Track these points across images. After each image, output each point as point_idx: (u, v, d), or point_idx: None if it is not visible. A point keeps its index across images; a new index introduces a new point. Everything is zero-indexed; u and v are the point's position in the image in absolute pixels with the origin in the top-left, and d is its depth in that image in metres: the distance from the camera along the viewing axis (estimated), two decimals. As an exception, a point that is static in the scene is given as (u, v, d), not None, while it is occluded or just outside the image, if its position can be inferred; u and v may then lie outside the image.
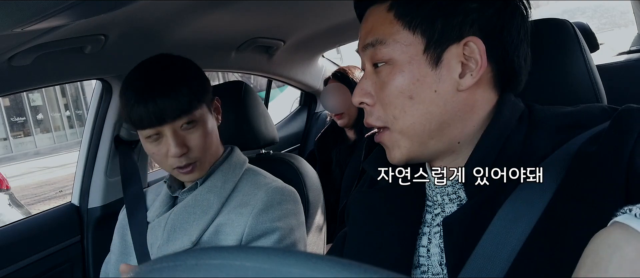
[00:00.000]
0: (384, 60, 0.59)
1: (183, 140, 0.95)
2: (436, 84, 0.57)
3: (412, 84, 0.57)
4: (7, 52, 0.99)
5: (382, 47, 0.58)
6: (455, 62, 0.57)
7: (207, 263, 0.25)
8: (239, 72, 1.98)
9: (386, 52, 0.58)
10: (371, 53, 0.60)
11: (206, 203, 0.99)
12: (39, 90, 15.12)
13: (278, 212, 0.98)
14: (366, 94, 0.61)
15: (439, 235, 0.61)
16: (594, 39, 1.78)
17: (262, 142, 1.28)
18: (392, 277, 0.23)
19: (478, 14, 0.56)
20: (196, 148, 0.96)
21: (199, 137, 0.96)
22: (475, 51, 0.56)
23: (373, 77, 0.61)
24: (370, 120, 0.62)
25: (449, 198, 0.61)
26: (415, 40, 0.57)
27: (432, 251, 0.61)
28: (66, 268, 1.45)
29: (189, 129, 0.95)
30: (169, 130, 0.94)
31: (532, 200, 0.52)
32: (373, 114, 0.61)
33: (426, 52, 0.56)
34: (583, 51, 0.70)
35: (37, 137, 16.35)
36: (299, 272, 0.23)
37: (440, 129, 0.58)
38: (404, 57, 0.57)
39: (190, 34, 1.35)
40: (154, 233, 1.03)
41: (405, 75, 0.57)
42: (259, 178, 1.05)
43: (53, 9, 0.72)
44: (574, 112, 0.59)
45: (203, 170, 1.01)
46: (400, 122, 0.59)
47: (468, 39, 0.56)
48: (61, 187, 7.84)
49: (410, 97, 0.57)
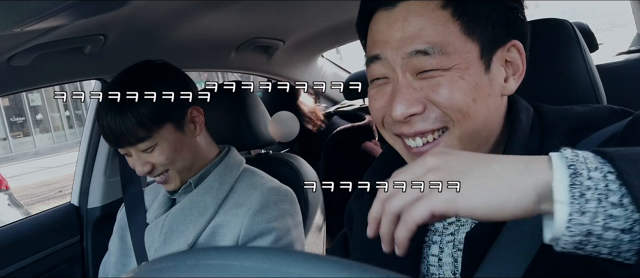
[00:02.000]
0: (440, 68, 0.53)
1: (147, 159, 0.97)
2: (489, 89, 0.55)
3: (473, 88, 0.53)
4: (7, 52, 0.99)
5: (440, 56, 0.52)
6: (499, 66, 0.55)
7: (206, 263, 0.25)
8: (239, 72, 1.97)
9: (445, 61, 0.52)
10: (420, 61, 0.53)
11: (203, 205, 0.99)
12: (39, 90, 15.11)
13: (274, 212, 0.98)
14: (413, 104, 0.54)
15: (452, 245, 0.59)
16: (593, 39, 1.78)
17: (261, 142, 1.28)
18: (392, 277, 0.23)
19: (518, 19, 0.56)
20: (160, 165, 0.98)
21: (161, 155, 0.96)
22: (516, 55, 0.55)
23: (415, 83, 0.54)
24: (423, 126, 0.55)
25: None
26: (472, 46, 0.53)
27: (444, 261, 0.59)
28: (66, 268, 1.45)
29: (150, 152, 0.96)
30: (132, 151, 0.96)
31: None
32: (427, 118, 0.55)
33: (482, 57, 0.54)
34: (583, 51, 0.70)
35: (36, 137, 16.34)
36: (299, 271, 0.23)
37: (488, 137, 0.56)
38: (464, 64, 0.53)
39: (190, 34, 1.35)
40: (152, 236, 1.03)
41: (466, 81, 0.53)
42: (255, 179, 1.05)
43: (52, 9, 0.72)
44: (584, 113, 0.58)
45: (178, 180, 1.01)
46: (465, 124, 0.54)
47: (512, 42, 0.55)
48: (61, 187, 7.83)
49: (474, 100, 0.53)
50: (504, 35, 0.55)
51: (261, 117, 1.28)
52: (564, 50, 0.71)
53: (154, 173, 0.99)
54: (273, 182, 1.05)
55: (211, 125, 1.29)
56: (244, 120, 1.24)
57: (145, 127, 0.92)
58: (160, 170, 0.98)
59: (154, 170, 0.98)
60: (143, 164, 0.96)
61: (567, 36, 0.71)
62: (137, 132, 0.92)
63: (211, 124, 1.29)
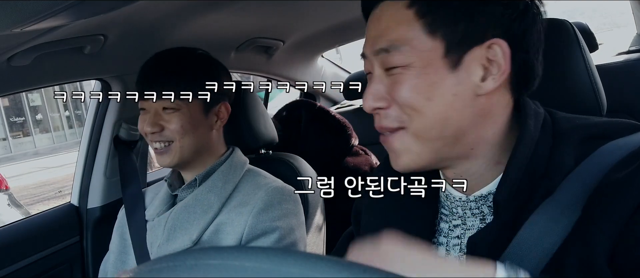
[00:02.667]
0: (399, 65, 0.54)
1: (159, 121, 0.98)
2: (455, 88, 0.53)
3: (430, 86, 0.53)
4: (7, 52, 0.99)
5: (398, 54, 0.54)
6: (476, 64, 0.53)
7: (206, 263, 0.25)
8: (239, 72, 1.97)
9: (402, 59, 0.54)
10: (384, 58, 0.55)
11: (207, 203, 1.00)
12: (38, 91, 15.10)
13: (278, 211, 0.98)
14: (380, 98, 0.56)
15: (459, 248, 0.59)
16: (593, 39, 1.78)
17: (261, 143, 1.28)
18: (392, 277, 0.23)
19: (503, 17, 0.53)
20: (170, 131, 0.98)
21: (177, 122, 0.98)
22: (499, 54, 0.53)
23: (385, 79, 0.56)
24: (385, 122, 0.57)
25: (471, 213, 0.59)
26: (435, 44, 0.53)
27: None
28: (65, 268, 1.45)
29: (170, 113, 0.98)
30: (152, 107, 0.98)
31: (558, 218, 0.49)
32: (389, 115, 0.56)
33: (447, 55, 0.53)
34: (582, 51, 0.70)
35: (36, 137, 16.34)
36: (299, 271, 0.23)
37: (456, 136, 0.55)
38: (421, 63, 0.53)
39: (190, 34, 1.35)
40: (154, 232, 1.03)
41: (422, 79, 0.53)
42: (259, 179, 1.05)
43: (52, 9, 0.72)
44: (600, 123, 0.57)
45: (177, 157, 1.00)
46: (417, 121, 0.55)
47: (493, 41, 0.53)
48: (60, 187, 7.83)
49: (428, 98, 0.53)
50: (480, 34, 0.53)
51: (261, 117, 1.28)
52: (563, 51, 0.70)
53: (157, 138, 0.99)
54: (277, 182, 1.06)
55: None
56: (243, 120, 1.24)
57: (187, 84, 0.97)
58: (165, 136, 0.99)
59: (159, 134, 0.98)
60: (153, 124, 0.97)
61: (567, 36, 0.71)
62: (180, 82, 0.97)
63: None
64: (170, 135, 0.98)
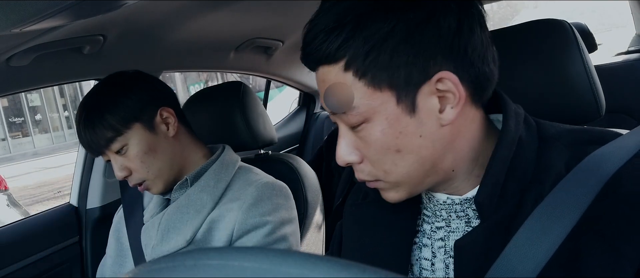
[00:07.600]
0: (359, 122, 0.54)
1: (123, 162, 0.97)
2: (419, 129, 0.53)
3: (396, 138, 0.53)
4: (6, 52, 0.99)
5: (354, 114, 0.53)
6: (431, 100, 0.53)
7: (206, 263, 0.25)
8: (238, 72, 1.98)
9: (359, 117, 0.53)
10: (343, 118, 0.55)
11: (199, 203, 1.00)
12: (38, 91, 15.10)
13: (268, 206, 0.99)
14: (350, 153, 0.57)
15: (443, 251, 0.59)
16: (592, 39, 1.79)
17: (260, 143, 1.28)
18: (391, 277, 0.23)
19: (436, 48, 0.51)
20: (136, 170, 0.98)
21: (135, 158, 0.97)
22: (449, 85, 0.52)
23: (351, 135, 0.56)
24: (361, 176, 0.58)
25: (456, 215, 0.59)
26: (384, 96, 0.52)
27: (436, 266, 0.60)
28: (64, 268, 1.45)
29: (124, 153, 0.97)
30: (110, 155, 0.98)
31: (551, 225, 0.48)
32: (363, 170, 0.57)
33: (399, 103, 0.52)
34: (581, 52, 0.70)
35: (35, 138, 16.33)
36: (298, 272, 0.23)
37: (434, 166, 0.55)
38: (379, 116, 0.53)
39: (189, 34, 1.35)
40: (148, 234, 1.03)
41: (386, 132, 0.53)
42: (250, 176, 1.05)
43: (52, 9, 0.72)
44: (585, 130, 0.56)
45: (160, 184, 1.01)
46: (393, 175, 0.55)
47: (438, 75, 0.52)
48: (60, 187, 7.83)
49: (397, 150, 0.54)
50: (422, 72, 0.52)
51: (260, 117, 1.28)
52: (562, 51, 0.70)
53: (132, 180, 0.99)
54: (268, 177, 1.06)
55: (209, 125, 1.29)
56: (243, 120, 1.24)
57: (112, 128, 0.94)
58: (137, 176, 0.98)
59: (131, 175, 0.98)
60: (120, 168, 0.97)
61: (566, 37, 0.71)
62: (105, 133, 0.94)
63: (210, 124, 1.29)
64: (139, 175, 0.98)
